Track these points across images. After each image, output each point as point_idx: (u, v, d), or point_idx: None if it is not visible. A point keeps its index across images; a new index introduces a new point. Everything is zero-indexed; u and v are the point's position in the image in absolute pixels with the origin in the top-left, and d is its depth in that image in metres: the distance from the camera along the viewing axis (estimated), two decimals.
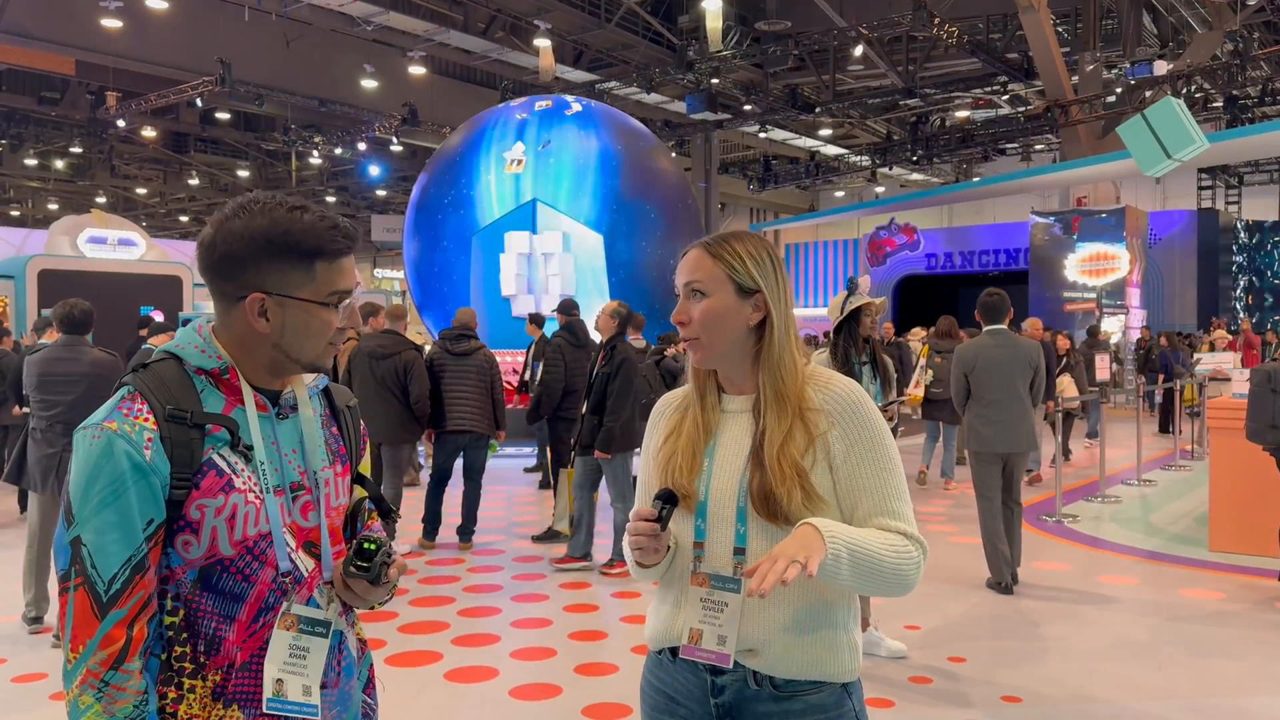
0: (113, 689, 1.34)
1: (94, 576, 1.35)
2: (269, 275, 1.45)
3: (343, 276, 1.50)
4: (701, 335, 1.66)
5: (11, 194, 32.58)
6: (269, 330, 1.47)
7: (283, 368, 1.52)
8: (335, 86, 21.05)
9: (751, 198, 32.86)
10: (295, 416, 1.55)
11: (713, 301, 1.66)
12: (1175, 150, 9.97)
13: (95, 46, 17.94)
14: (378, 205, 33.69)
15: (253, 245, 1.44)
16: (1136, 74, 17.05)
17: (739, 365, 1.69)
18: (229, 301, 1.48)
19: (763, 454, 1.62)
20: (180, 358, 1.48)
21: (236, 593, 1.44)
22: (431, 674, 4.54)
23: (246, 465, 1.45)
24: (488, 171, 13.84)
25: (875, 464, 1.63)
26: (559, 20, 19.14)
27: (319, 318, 1.49)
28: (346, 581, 1.50)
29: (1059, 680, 4.45)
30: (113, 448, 1.36)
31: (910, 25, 17.32)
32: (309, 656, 1.48)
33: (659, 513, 1.60)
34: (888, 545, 1.59)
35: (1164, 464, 11.12)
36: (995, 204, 29.59)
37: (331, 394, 1.66)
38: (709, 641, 1.62)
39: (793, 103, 21.09)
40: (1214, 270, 25.86)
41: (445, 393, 7.00)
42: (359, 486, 1.66)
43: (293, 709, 1.45)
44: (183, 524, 1.41)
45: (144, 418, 1.39)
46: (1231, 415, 6.85)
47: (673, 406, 1.81)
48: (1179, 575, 6.36)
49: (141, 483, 1.37)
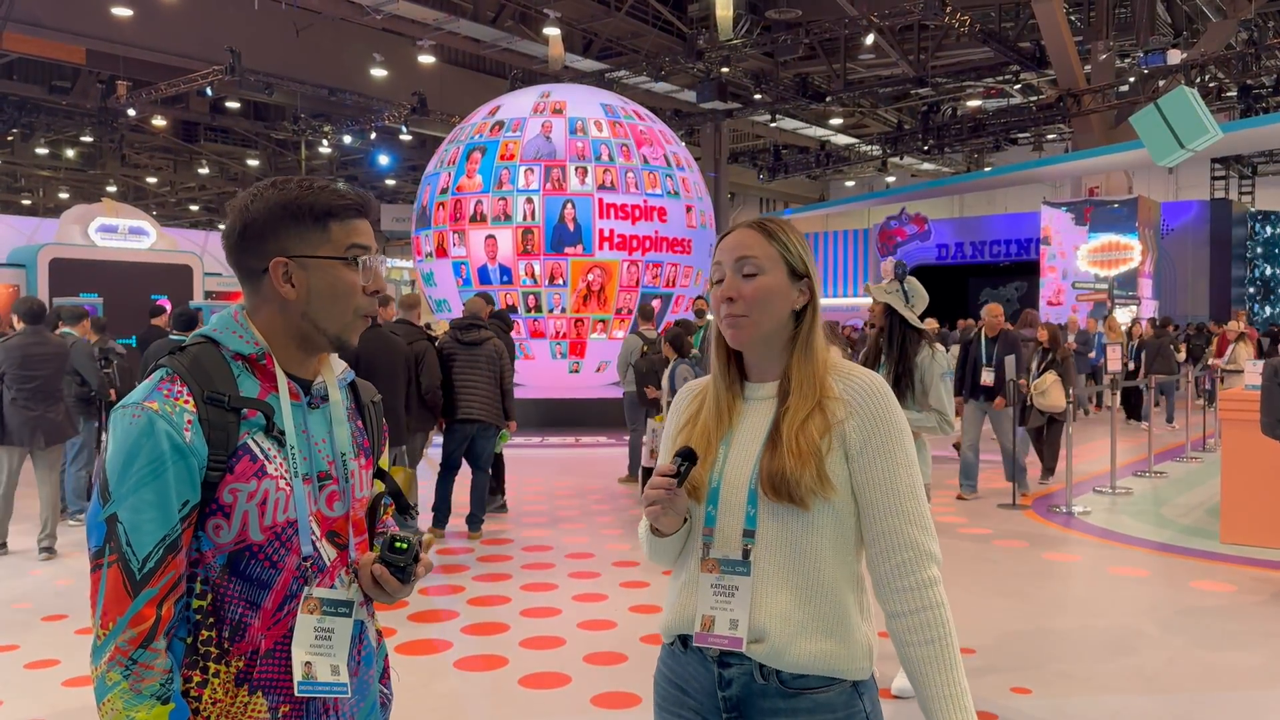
0: (140, 667, 1.36)
1: (129, 554, 1.36)
2: (289, 240, 1.50)
3: (360, 234, 1.54)
4: (751, 313, 1.65)
5: (22, 183, 32.69)
6: (296, 295, 1.50)
7: (312, 341, 1.54)
8: (345, 75, 21.04)
9: (761, 187, 32.77)
10: (325, 406, 1.57)
11: (769, 280, 1.65)
12: (1188, 140, 9.91)
13: (106, 35, 17.96)
14: (387, 194, 33.71)
15: (270, 217, 1.49)
16: (1150, 63, 16.94)
17: (771, 349, 1.69)
18: (256, 278, 1.51)
19: (780, 432, 1.61)
20: (218, 342, 1.50)
21: (264, 579, 1.45)
22: (441, 662, 4.55)
23: (279, 452, 1.47)
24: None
25: (891, 459, 1.61)
26: (568, 8, 19.08)
27: (341, 276, 1.52)
28: (375, 578, 1.53)
29: (1069, 672, 4.44)
30: (154, 427, 1.38)
31: (922, 14, 17.21)
32: (334, 637, 1.50)
33: (677, 469, 1.59)
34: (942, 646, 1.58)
35: (1175, 455, 11.07)
36: (1007, 194, 29.46)
37: (357, 388, 1.68)
38: (721, 626, 1.61)
39: (803, 92, 21.00)
40: (1226, 261, 25.70)
41: (455, 382, 7.02)
42: (378, 481, 1.68)
43: (323, 689, 1.47)
44: (215, 507, 1.43)
45: (184, 399, 1.41)
46: (1243, 407, 6.81)
47: (692, 394, 1.81)
48: (1190, 567, 6.34)
49: (180, 463, 1.38)
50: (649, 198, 14.07)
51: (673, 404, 1.84)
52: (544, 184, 13.81)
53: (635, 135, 14.38)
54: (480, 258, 14.17)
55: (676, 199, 14.38)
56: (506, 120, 14.56)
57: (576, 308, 13.79)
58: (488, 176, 14.12)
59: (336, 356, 1.63)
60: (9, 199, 33.20)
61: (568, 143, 13.99)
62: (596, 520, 7.74)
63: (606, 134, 14.17)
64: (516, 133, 14.26)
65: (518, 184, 13.86)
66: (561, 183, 13.83)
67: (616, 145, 14.11)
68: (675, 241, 14.30)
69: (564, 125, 14.17)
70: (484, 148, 14.34)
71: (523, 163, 13.92)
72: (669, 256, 14.27)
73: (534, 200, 13.76)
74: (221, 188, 32.01)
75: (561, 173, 13.85)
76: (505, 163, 14.04)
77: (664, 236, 14.16)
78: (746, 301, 1.65)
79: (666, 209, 14.20)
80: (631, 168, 14.07)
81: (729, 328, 1.67)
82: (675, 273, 14.39)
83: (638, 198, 13.98)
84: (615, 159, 14.02)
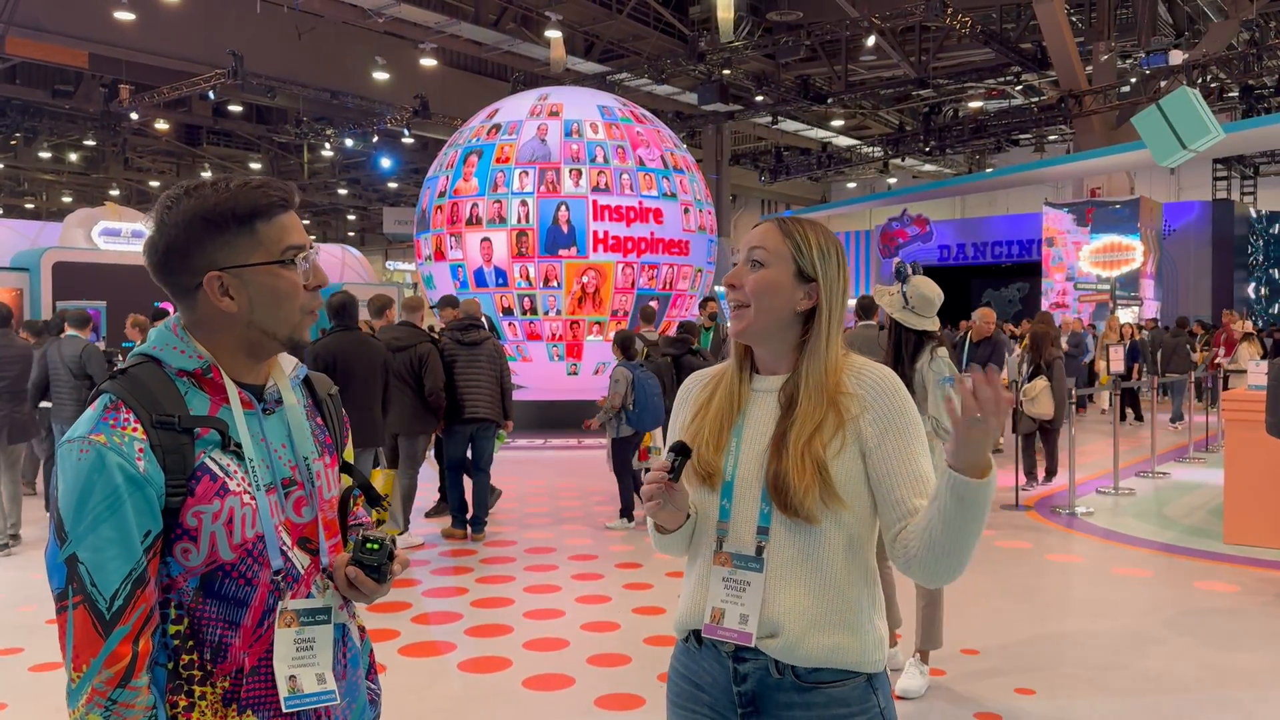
0: (121, 706, 1.31)
1: (94, 594, 1.31)
2: (217, 252, 1.41)
3: (289, 232, 1.45)
4: (750, 302, 1.67)
5: (26, 187, 32.75)
6: (238, 308, 1.43)
7: (262, 348, 1.47)
8: (347, 78, 21.06)
9: (763, 189, 32.77)
10: (281, 410, 1.51)
11: (769, 273, 1.67)
12: (1190, 140, 9.91)
13: (108, 39, 18.00)
14: (389, 197, 33.74)
15: (191, 228, 1.40)
16: (1151, 64, 16.93)
17: (778, 348, 1.70)
18: (189, 294, 1.44)
19: (786, 442, 1.62)
20: (159, 360, 1.43)
21: (240, 597, 1.41)
22: (445, 664, 4.55)
23: (239, 466, 1.41)
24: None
25: (909, 451, 1.62)
26: (570, 11, 19.11)
27: (282, 279, 1.44)
28: (350, 579, 1.49)
29: (1073, 673, 4.43)
30: (104, 461, 1.31)
31: (923, 15, 17.22)
32: (316, 645, 1.46)
33: (671, 464, 1.60)
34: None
35: (1178, 456, 11.06)
36: (1008, 195, 29.44)
37: (312, 383, 1.62)
38: (731, 620, 1.62)
39: (805, 93, 21.00)
40: (1229, 261, 25.66)
41: (459, 382, 7.05)
42: (345, 475, 1.64)
43: (311, 700, 1.44)
44: (180, 532, 1.37)
45: (131, 427, 1.34)
46: (1247, 407, 6.81)
47: (701, 383, 1.82)
48: (1193, 568, 6.33)
49: (137, 495, 1.33)
50: (644, 199, 14.06)
51: (681, 392, 1.84)
52: (538, 187, 13.82)
53: (631, 137, 14.37)
54: (476, 260, 14.18)
55: (673, 200, 14.37)
56: (503, 124, 14.58)
57: (572, 310, 13.78)
58: (483, 180, 14.13)
59: (286, 355, 1.55)
60: (12, 203, 33.27)
61: (563, 145, 14.00)
62: (599, 522, 7.74)
63: (602, 136, 14.16)
64: (512, 136, 14.28)
65: (512, 187, 13.88)
66: (556, 185, 13.81)
67: (612, 147, 14.09)
68: (672, 243, 14.28)
69: (559, 128, 14.18)
70: (480, 151, 14.37)
71: (518, 165, 13.93)
72: (665, 258, 14.25)
73: (528, 203, 13.77)
74: None
75: (556, 175, 13.84)
76: (501, 165, 14.05)
77: (660, 238, 14.15)
78: (748, 290, 1.67)
79: (663, 210, 14.19)
80: (627, 170, 14.06)
81: (733, 317, 1.70)
82: (673, 274, 14.38)
83: (633, 199, 13.97)
84: (610, 161, 14.00)
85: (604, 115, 14.48)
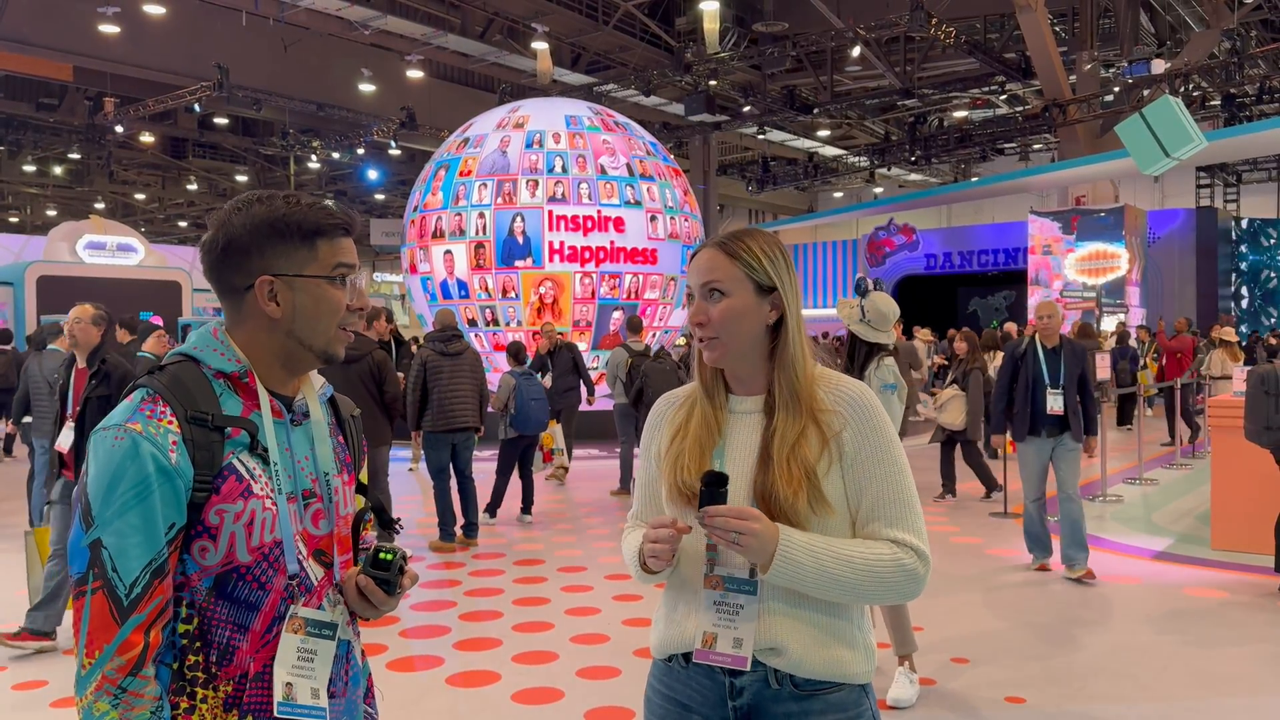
0: (130, 695, 1.33)
1: (114, 580, 1.33)
2: (275, 258, 1.47)
3: (345, 253, 1.53)
4: (721, 335, 1.66)
5: (10, 200, 32.58)
6: (281, 314, 1.48)
7: (296, 359, 1.52)
8: (333, 91, 21.05)
9: (750, 199, 32.85)
10: (307, 424, 1.55)
11: (734, 301, 1.65)
12: (1173, 149, 9.98)
13: (93, 52, 17.94)
14: (376, 209, 33.69)
15: (256, 233, 1.47)
16: (1134, 73, 17.06)
17: (752, 364, 1.69)
18: (238, 295, 1.49)
19: (771, 452, 1.61)
20: (198, 360, 1.47)
21: (251, 601, 1.43)
22: (433, 679, 4.52)
23: (264, 471, 1.45)
24: None
25: (880, 466, 1.62)
26: (556, 23, 19.14)
27: (327, 295, 1.50)
28: (360, 591, 1.51)
29: (1062, 681, 4.43)
30: (138, 449, 1.35)
31: (908, 26, 17.30)
32: (316, 659, 1.48)
33: (713, 495, 1.54)
34: (862, 551, 1.58)
35: (1165, 462, 11.10)
36: (994, 204, 29.57)
37: (337, 403, 1.67)
38: (724, 645, 1.60)
39: (791, 104, 21.07)
40: (1213, 268, 25.85)
41: (444, 393, 7.05)
42: (360, 496, 1.67)
43: (302, 712, 1.45)
44: (201, 529, 1.40)
45: (167, 420, 1.38)
46: (1233, 413, 6.84)
47: (674, 405, 1.79)
48: (1182, 574, 6.35)
49: (166, 485, 1.36)
50: (603, 208, 13.99)
51: (651, 415, 1.82)
52: (495, 198, 13.82)
53: (595, 145, 14.33)
54: (441, 273, 14.18)
55: (637, 208, 14.30)
56: (471, 137, 14.61)
57: (532, 321, 13.74)
58: (447, 193, 14.15)
59: (316, 374, 1.61)
60: None
61: (522, 156, 13.98)
62: (588, 533, 7.72)
63: (564, 146, 14.13)
64: (477, 149, 14.29)
65: (472, 199, 13.88)
66: (512, 196, 13.81)
67: (572, 156, 14.05)
68: (635, 252, 14.20)
69: (521, 139, 14.17)
70: (448, 165, 14.40)
71: (477, 178, 13.94)
72: (629, 267, 14.17)
73: (485, 215, 13.78)
74: (210, 204, 31.90)
75: (513, 186, 13.84)
76: (463, 179, 14.07)
77: (621, 247, 14.08)
78: (715, 324, 1.65)
79: (624, 219, 14.11)
80: (586, 179, 13.99)
81: (704, 349, 1.68)
82: (638, 283, 14.28)
83: (591, 209, 13.91)
84: (570, 170, 13.96)
85: (569, 125, 14.44)
